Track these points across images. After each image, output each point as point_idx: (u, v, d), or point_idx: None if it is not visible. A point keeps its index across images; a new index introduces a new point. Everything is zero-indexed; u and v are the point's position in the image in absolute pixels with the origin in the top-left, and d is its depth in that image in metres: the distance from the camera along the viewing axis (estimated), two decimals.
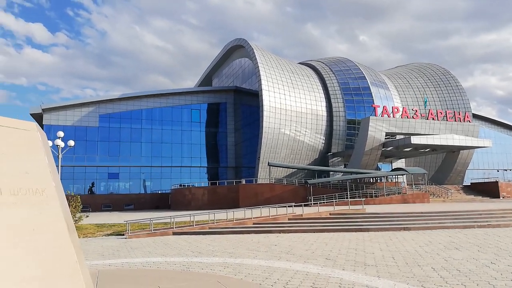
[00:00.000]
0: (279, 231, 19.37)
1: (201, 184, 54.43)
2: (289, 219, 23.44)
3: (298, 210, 26.58)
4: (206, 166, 64.87)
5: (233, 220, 22.32)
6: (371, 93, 59.56)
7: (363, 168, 50.96)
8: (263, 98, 51.83)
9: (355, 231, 18.73)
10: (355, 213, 24.92)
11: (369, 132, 51.44)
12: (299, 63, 70.25)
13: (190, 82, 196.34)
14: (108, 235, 19.99)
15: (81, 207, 21.60)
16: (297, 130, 55.48)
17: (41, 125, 50.91)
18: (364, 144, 51.95)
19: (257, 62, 53.89)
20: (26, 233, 3.88)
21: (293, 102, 55.20)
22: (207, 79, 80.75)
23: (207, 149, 65.36)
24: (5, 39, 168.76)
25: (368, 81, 60.81)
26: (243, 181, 46.85)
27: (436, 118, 56.34)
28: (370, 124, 51.58)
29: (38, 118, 53.81)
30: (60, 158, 24.12)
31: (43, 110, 54.07)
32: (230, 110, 66.85)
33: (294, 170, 54.47)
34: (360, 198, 37.58)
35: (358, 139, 54.88)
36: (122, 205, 53.76)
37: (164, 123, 61.91)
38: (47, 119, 53.78)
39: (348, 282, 7.80)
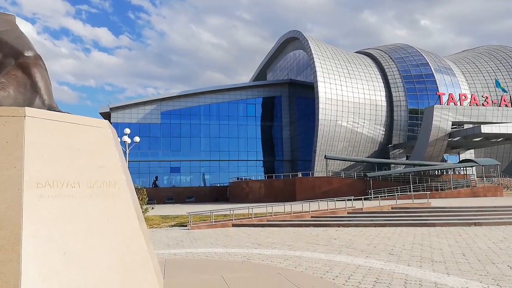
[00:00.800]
0: (338, 225, 19.03)
1: (257, 177, 55.06)
2: (348, 213, 22.93)
3: (357, 204, 25.91)
4: (262, 159, 65.44)
5: (290, 213, 22.33)
6: (435, 80, 56.09)
7: (427, 160, 48.29)
8: (319, 90, 50.99)
9: (420, 226, 17.84)
10: (419, 207, 23.75)
11: (433, 121, 48.57)
12: (356, 52, 68.05)
13: (245, 77, 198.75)
14: (172, 226, 20.98)
15: (147, 199, 22.89)
16: (354, 122, 53.93)
17: (110, 123, 54.51)
18: (428, 134, 49.18)
19: (312, 54, 53.08)
20: (102, 223, 4.17)
21: (350, 93, 53.66)
22: (261, 73, 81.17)
23: (263, 143, 65.86)
24: (75, 44, 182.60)
25: (432, 68, 57.27)
26: (300, 175, 46.63)
27: (510, 104, 51.69)
28: (434, 113, 48.68)
29: (106, 116, 57.74)
30: (127, 154, 25.69)
31: (110, 109, 57.96)
32: (285, 103, 66.68)
33: (352, 162, 53.09)
34: (424, 191, 35.73)
35: (421, 130, 52.05)
36: (184, 197, 56.10)
37: (221, 118, 63.36)
38: (114, 117, 57.51)
39: (415, 279, 7.46)
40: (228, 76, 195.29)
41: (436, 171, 46.28)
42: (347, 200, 24.77)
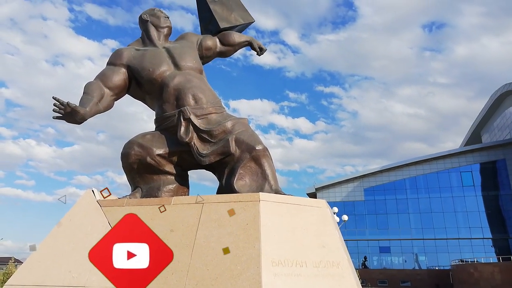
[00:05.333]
0: None
1: (488, 259, 45.46)
2: None
3: None
4: (491, 237, 54.23)
5: None
6: None
7: None
8: None
9: None
10: None
11: None
12: None
13: (451, 143, 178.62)
14: None
15: (360, 281, 21.93)
16: None
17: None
18: None
19: None
20: None
21: None
22: (474, 136, 71.35)
23: (489, 217, 55.09)
24: (280, 135, 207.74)
25: None
26: None
27: None
28: None
29: (312, 196, 60.79)
30: None
31: (316, 189, 61.20)
32: (511, 167, 55.48)
33: None
34: None
35: None
36: (398, 281, 50.98)
37: (431, 190, 57.32)
38: (320, 197, 59.95)
39: None
40: (430, 144, 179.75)
41: None
42: None
